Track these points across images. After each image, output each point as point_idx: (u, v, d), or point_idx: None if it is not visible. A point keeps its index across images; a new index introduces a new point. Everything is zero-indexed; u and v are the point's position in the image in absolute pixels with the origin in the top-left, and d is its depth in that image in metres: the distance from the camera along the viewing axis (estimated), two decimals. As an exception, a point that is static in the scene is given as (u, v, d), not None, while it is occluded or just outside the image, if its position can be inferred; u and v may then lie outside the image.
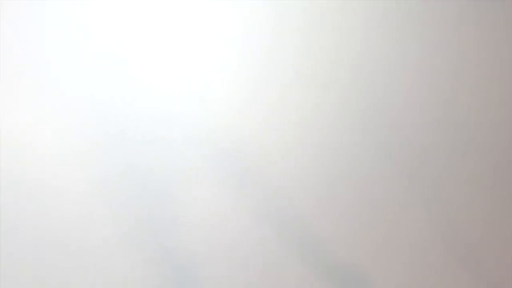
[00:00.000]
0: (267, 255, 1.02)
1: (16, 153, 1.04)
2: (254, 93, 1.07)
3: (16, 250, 1.02)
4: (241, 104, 1.06)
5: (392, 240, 1.03)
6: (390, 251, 1.02)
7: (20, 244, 1.03)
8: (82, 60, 1.10)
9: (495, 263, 1.01)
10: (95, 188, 0.99)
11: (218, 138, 1.05)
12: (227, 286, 1.01)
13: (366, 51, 1.10)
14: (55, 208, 1.04)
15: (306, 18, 1.13)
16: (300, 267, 1.02)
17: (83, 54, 1.11)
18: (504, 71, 1.10)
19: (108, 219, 0.98)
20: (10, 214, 1.03)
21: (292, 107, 1.06)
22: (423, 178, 1.05)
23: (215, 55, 1.09)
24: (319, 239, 1.03)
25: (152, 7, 1.13)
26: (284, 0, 1.13)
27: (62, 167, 1.04)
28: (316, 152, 1.04)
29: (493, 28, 1.13)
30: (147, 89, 1.09)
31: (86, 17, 1.13)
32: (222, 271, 1.01)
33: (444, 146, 1.07)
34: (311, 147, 1.05)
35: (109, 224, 0.98)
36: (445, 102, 1.09)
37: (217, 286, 1.00)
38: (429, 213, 1.03)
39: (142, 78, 1.10)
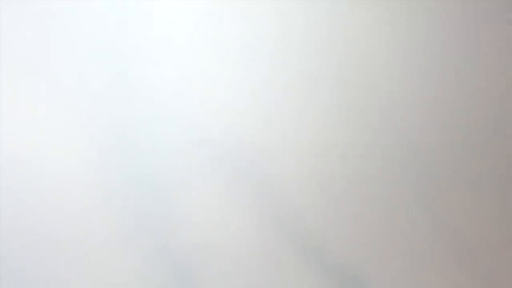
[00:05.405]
0: (268, 255, 1.02)
1: (16, 153, 1.04)
2: (256, 93, 1.07)
3: (16, 249, 1.02)
4: (242, 104, 1.06)
5: (392, 240, 1.03)
6: (390, 251, 1.02)
7: (20, 243, 1.03)
8: (82, 60, 1.10)
9: (495, 263, 1.01)
10: (95, 188, 0.99)
11: (219, 138, 1.05)
12: (227, 286, 1.01)
13: (368, 52, 1.10)
14: (55, 208, 1.04)
15: (308, 18, 1.13)
16: (300, 267, 1.02)
17: (83, 54, 1.11)
18: (505, 71, 1.10)
19: (108, 219, 0.98)
20: (10, 214, 1.03)
21: (293, 107, 1.06)
22: (424, 178, 1.05)
23: (216, 55, 1.09)
24: (319, 239, 1.03)
25: (153, 7, 1.13)
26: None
27: (62, 167, 1.04)
28: (317, 152, 1.04)
29: (493, 28, 1.13)
30: (148, 90, 1.09)
31: (87, 17, 1.13)
32: (222, 271, 1.01)
33: (445, 146, 1.06)
34: (312, 148, 1.05)
35: (109, 224, 0.98)
36: (446, 102, 1.09)
37: (217, 286, 1.00)
38: (430, 213, 1.03)
39: (143, 78, 1.10)
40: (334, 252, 1.02)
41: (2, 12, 1.10)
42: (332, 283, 1.00)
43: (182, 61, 1.10)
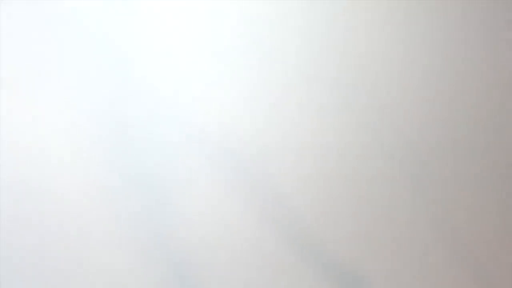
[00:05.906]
0: (267, 254, 1.02)
1: (16, 153, 1.04)
2: (256, 93, 1.07)
3: (16, 250, 1.02)
4: (243, 105, 1.06)
5: (392, 240, 1.03)
6: (390, 251, 1.02)
7: (20, 244, 1.03)
8: (82, 60, 1.10)
9: (495, 263, 1.01)
10: (96, 188, 0.99)
11: (219, 138, 1.05)
12: (227, 286, 1.01)
13: (368, 52, 1.10)
14: (55, 208, 1.04)
15: (308, 18, 1.13)
16: (300, 267, 1.02)
17: (83, 55, 1.11)
18: (505, 71, 1.10)
19: (108, 219, 0.98)
20: (10, 214, 1.03)
21: (293, 107, 1.06)
22: (424, 178, 1.05)
23: (216, 55, 1.09)
24: (319, 239, 1.03)
25: (152, 7, 1.13)
26: None
27: (62, 167, 1.04)
28: (318, 152, 1.04)
29: (493, 28, 1.13)
30: (148, 89, 1.09)
31: (87, 17, 1.13)
32: (222, 271, 1.01)
33: (445, 147, 1.06)
34: (312, 147, 1.05)
35: (109, 224, 0.98)
36: (447, 103, 1.09)
37: (217, 286, 1.00)
38: (430, 213, 1.03)
39: (143, 78, 1.10)
40: (334, 252, 1.02)
41: (2, 12, 1.10)
42: (332, 283, 1.00)
43: (182, 61, 1.10)
